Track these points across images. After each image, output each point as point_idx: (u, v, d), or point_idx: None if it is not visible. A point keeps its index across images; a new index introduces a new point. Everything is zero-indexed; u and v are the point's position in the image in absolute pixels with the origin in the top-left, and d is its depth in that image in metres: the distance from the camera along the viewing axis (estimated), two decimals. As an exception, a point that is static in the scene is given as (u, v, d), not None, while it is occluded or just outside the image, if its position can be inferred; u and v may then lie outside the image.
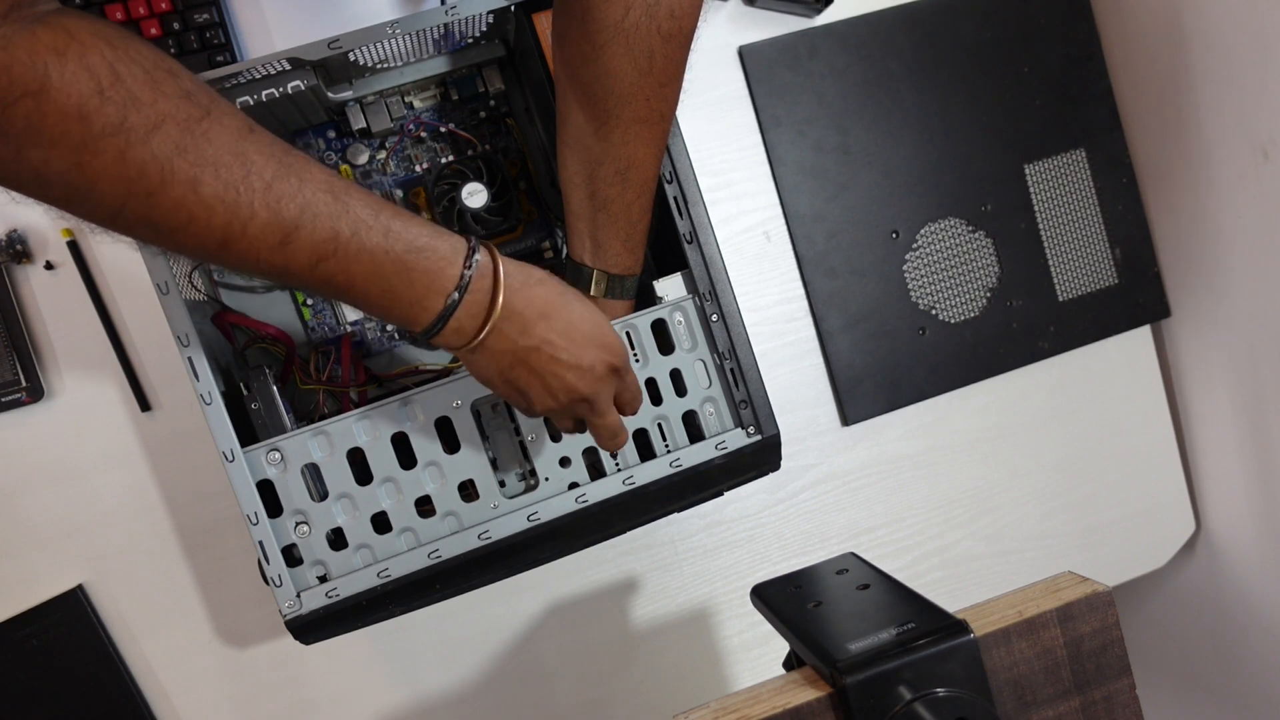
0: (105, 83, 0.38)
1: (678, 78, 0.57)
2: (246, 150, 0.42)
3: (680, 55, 0.56)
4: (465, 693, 0.87)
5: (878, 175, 0.90)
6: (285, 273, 0.45)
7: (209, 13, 0.76)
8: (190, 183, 0.41)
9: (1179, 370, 0.99)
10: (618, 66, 0.54)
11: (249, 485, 0.60)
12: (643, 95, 0.56)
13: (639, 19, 0.53)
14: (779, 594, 0.58)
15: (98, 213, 0.41)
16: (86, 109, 0.38)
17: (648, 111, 0.56)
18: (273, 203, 0.43)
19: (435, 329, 0.49)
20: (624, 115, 0.56)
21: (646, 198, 0.61)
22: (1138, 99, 0.94)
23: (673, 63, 0.56)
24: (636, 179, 0.59)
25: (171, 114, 0.40)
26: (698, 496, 0.67)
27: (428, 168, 0.74)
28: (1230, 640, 0.99)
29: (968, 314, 0.92)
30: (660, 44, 0.54)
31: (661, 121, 0.58)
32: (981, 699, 0.46)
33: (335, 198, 0.45)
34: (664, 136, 0.59)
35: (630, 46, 0.54)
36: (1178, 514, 1.00)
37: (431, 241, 0.47)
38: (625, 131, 0.57)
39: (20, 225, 0.77)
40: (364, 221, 0.45)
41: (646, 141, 0.58)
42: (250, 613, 0.82)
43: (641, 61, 0.54)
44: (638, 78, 0.55)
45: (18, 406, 0.77)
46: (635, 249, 0.63)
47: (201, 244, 0.43)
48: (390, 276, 0.46)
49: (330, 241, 0.45)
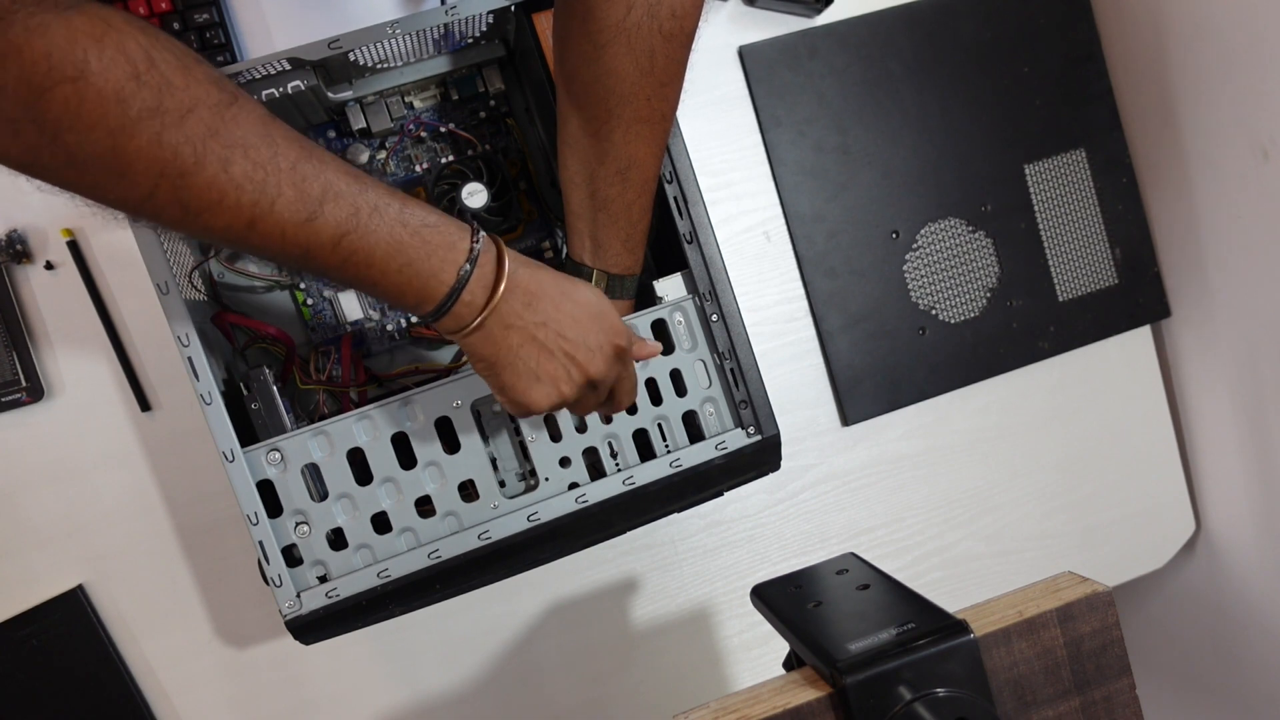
0: (141, 68, 0.40)
1: (679, 77, 0.57)
2: (273, 134, 0.44)
3: (681, 55, 0.56)
4: (465, 693, 0.87)
5: (878, 175, 0.90)
6: (309, 250, 0.46)
7: (209, 13, 0.76)
8: (221, 163, 0.42)
9: (1179, 370, 0.99)
10: (619, 66, 0.54)
11: (249, 485, 0.60)
12: (643, 95, 0.56)
13: (640, 18, 0.53)
14: (779, 594, 0.58)
15: (131, 195, 0.42)
16: (124, 93, 0.39)
17: (648, 111, 0.57)
18: (298, 181, 0.45)
19: (449, 302, 0.50)
20: (625, 115, 0.56)
21: (647, 197, 0.61)
22: (1138, 99, 0.94)
23: (674, 62, 0.56)
24: (637, 178, 0.59)
25: (203, 99, 0.42)
26: (698, 496, 0.67)
27: (428, 168, 0.74)
28: (1230, 640, 0.99)
29: (968, 314, 0.92)
30: (662, 43, 0.54)
31: (662, 121, 0.58)
32: (981, 699, 0.46)
33: (354, 179, 0.47)
34: (665, 136, 0.59)
35: (631, 46, 0.54)
36: (1178, 514, 1.00)
37: (441, 220, 0.50)
38: (626, 131, 0.57)
39: (20, 225, 0.77)
40: (383, 199, 0.48)
41: (647, 141, 0.58)
42: (250, 613, 0.82)
43: (643, 61, 0.54)
44: (639, 77, 0.55)
45: (18, 406, 0.77)
46: (635, 249, 0.63)
47: (230, 223, 0.44)
48: (409, 249, 0.48)
49: (352, 218, 0.46)
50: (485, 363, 0.53)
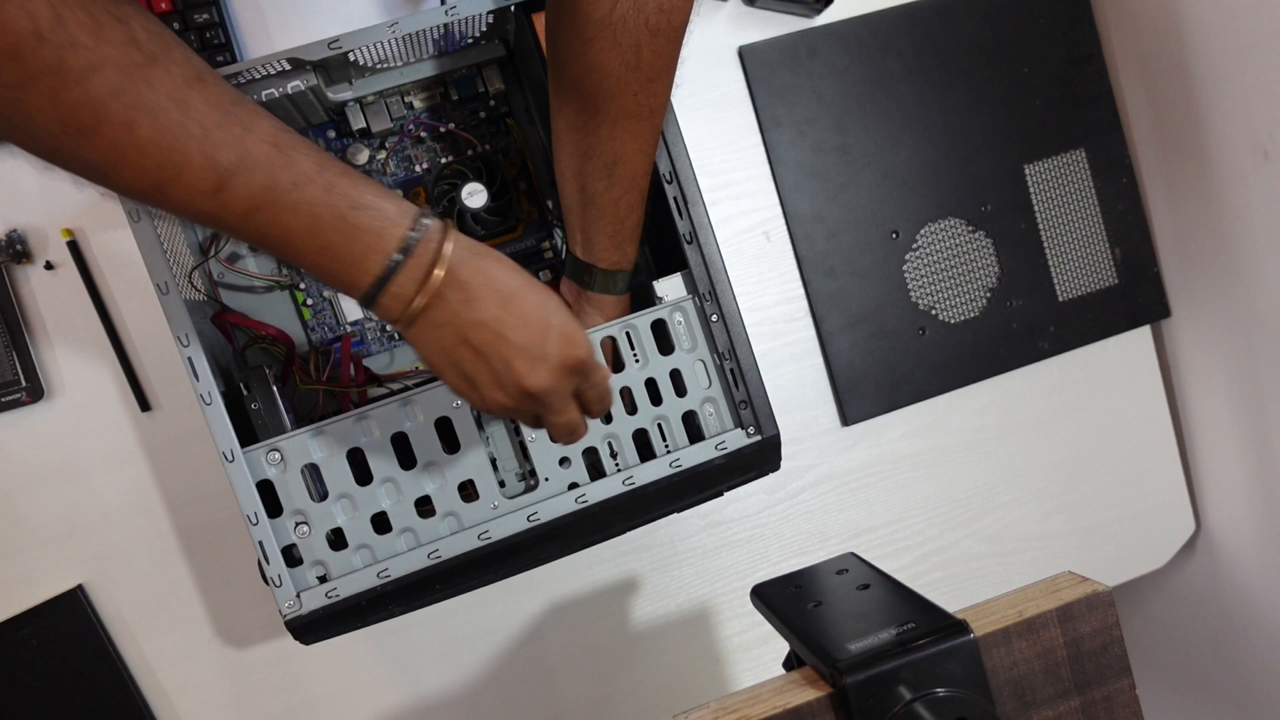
0: (44, 25, 0.39)
1: (667, 73, 0.57)
2: (189, 97, 0.43)
3: (669, 50, 0.55)
4: (465, 693, 0.87)
5: (878, 175, 0.90)
6: (219, 221, 0.45)
7: (209, 13, 0.76)
8: (125, 125, 0.41)
9: (1179, 370, 0.99)
10: (605, 60, 0.54)
11: (249, 485, 0.60)
12: (630, 90, 0.55)
13: (626, 12, 0.52)
14: (779, 594, 0.58)
15: (35, 148, 0.42)
16: (21, 49, 0.38)
17: (635, 106, 0.56)
18: (210, 150, 0.43)
19: (373, 292, 0.47)
20: (611, 110, 0.56)
21: (635, 193, 0.60)
22: (1138, 99, 0.94)
23: (661, 58, 0.55)
24: (624, 174, 0.59)
25: (112, 58, 0.41)
26: (698, 497, 0.67)
27: (428, 168, 0.74)
28: (1230, 640, 0.99)
29: (968, 314, 0.92)
30: (648, 38, 0.53)
31: (650, 117, 0.58)
32: (981, 699, 0.46)
33: (279, 150, 0.45)
34: (653, 132, 0.59)
35: (617, 41, 0.53)
36: (1178, 514, 1.00)
37: (377, 201, 0.46)
38: (613, 126, 0.57)
39: (20, 225, 0.77)
40: (306, 175, 0.45)
41: (635, 136, 0.58)
42: (250, 613, 0.82)
43: (629, 56, 0.54)
44: (624, 72, 0.54)
45: (18, 406, 0.77)
46: (623, 244, 0.63)
47: (138, 185, 0.44)
48: (328, 231, 0.45)
49: (266, 191, 0.44)
50: (424, 360, 0.51)
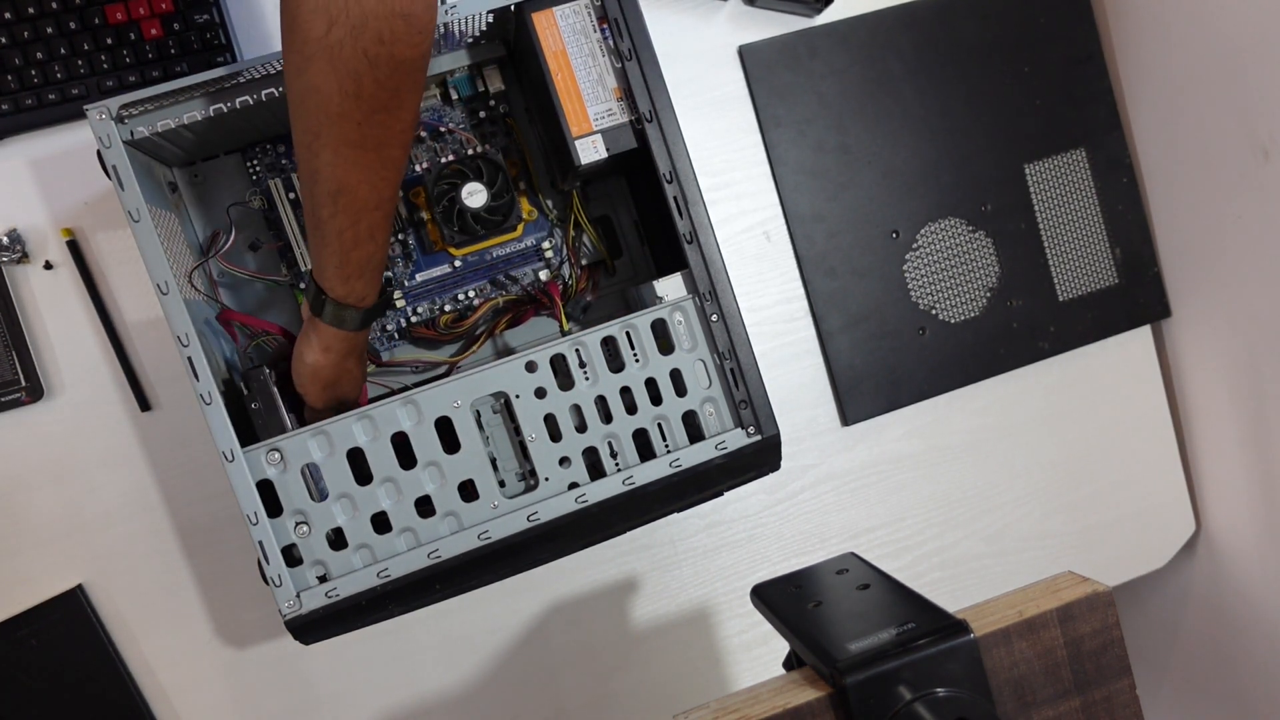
0: None
1: (396, 107, 0.53)
2: None
3: (395, 83, 0.51)
4: (465, 693, 0.87)
5: (878, 175, 0.90)
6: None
7: (209, 13, 0.76)
8: None
9: (1179, 370, 0.99)
10: (323, 84, 0.51)
11: (249, 485, 0.60)
12: (352, 119, 0.52)
13: (343, 37, 0.49)
14: (779, 594, 0.58)
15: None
16: None
17: (360, 137, 0.53)
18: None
19: None
20: (333, 136, 0.53)
21: (363, 227, 0.57)
22: (1138, 99, 0.94)
23: (386, 90, 0.51)
24: (348, 205, 0.55)
25: None
26: (698, 496, 0.67)
27: (428, 168, 0.74)
28: (1230, 640, 0.99)
29: (968, 314, 0.92)
30: (368, 68, 0.50)
31: (379, 149, 0.54)
32: (981, 699, 0.46)
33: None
34: (385, 166, 0.55)
35: (335, 66, 0.50)
36: (1178, 514, 1.00)
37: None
38: (335, 153, 0.53)
39: (20, 225, 0.77)
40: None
41: (361, 167, 0.54)
42: (250, 613, 0.82)
43: (348, 83, 0.50)
44: (344, 100, 0.51)
45: (18, 406, 0.77)
46: (350, 279, 0.59)
47: None
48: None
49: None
50: None
